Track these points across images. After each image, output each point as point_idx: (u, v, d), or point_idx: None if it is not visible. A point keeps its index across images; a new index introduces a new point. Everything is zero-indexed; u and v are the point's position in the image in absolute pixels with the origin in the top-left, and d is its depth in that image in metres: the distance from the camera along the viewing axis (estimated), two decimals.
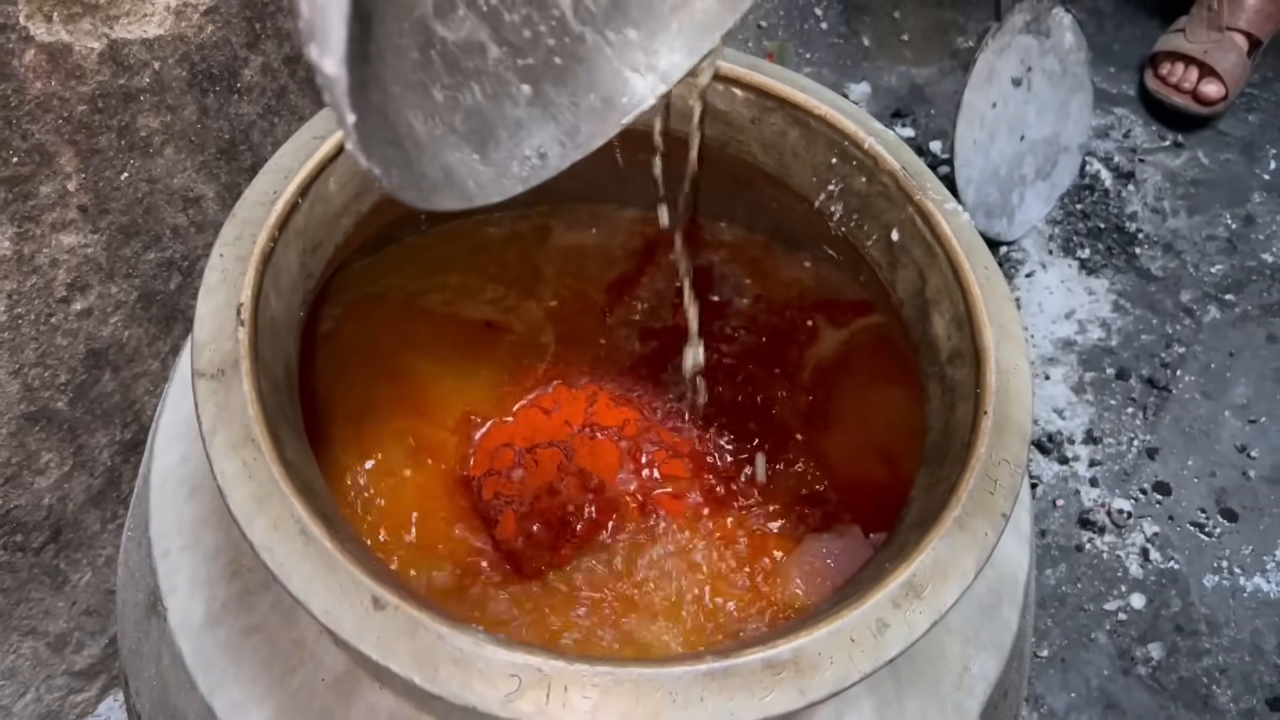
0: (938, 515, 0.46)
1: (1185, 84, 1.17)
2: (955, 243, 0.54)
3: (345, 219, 0.55)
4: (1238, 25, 1.18)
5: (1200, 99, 1.17)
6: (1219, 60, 1.16)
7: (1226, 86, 1.16)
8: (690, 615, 0.65)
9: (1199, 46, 1.18)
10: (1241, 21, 1.18)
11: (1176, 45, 1.19)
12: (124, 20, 0.57)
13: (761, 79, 0.58)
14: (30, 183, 0.56)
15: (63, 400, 0.64)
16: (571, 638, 0.65)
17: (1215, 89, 1.16)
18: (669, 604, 0.66)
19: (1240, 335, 1.04)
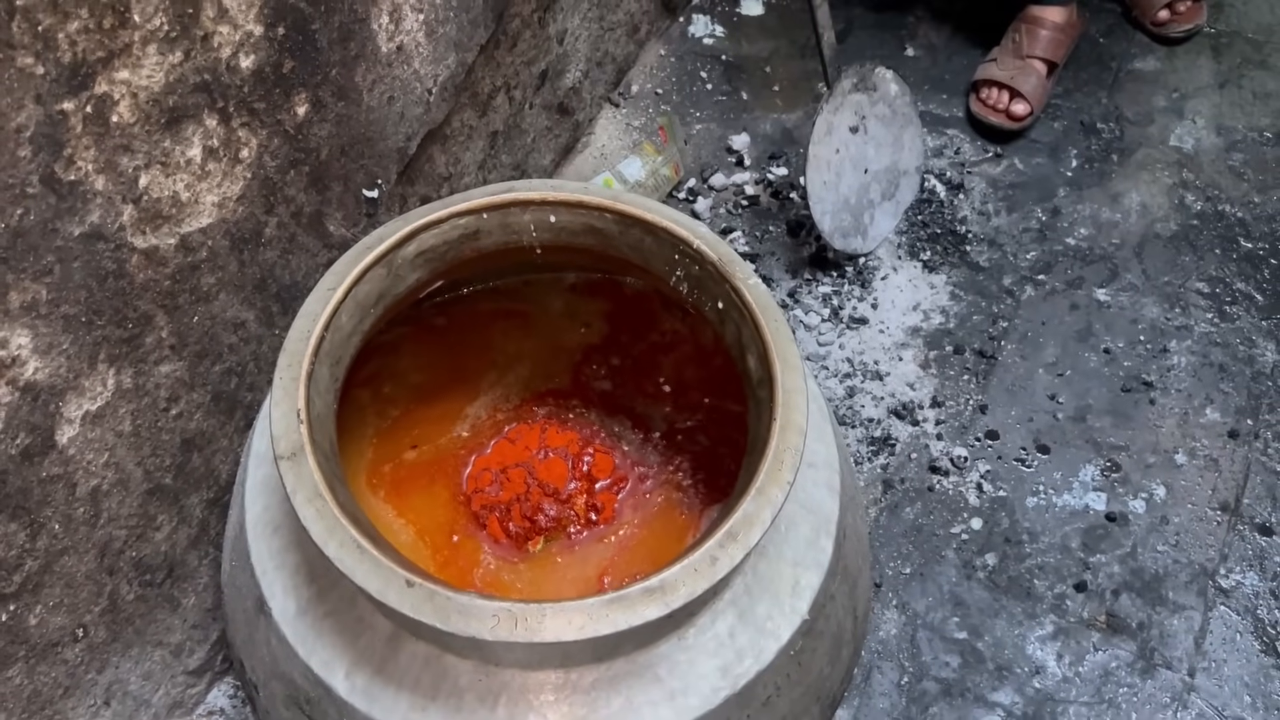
0: (746, 488, 0.73)
1: (999, 105, 1.45)
2: (755, 307, 0.81)
3: (354, 338, 0.82)
4: (1035, 53, 1.46)
5: (1011, 116, 1.45)
6: (1023, 83, 1.44)
7: (1031, 104, 1.45)
8: (625, 567, 0.93)
9: (1007, 73, 1.46)
10: (1038, 50, 1.46)
11: (990, 73, 1.47)
12: (188, 221, 0.84)
13: (622, 206, 0.85)
14: (139, 338, 0.83)
15: (169, 477, 0.92)
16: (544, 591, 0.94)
17: (1022, 108, 1.45)
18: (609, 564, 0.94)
19: (1049, 307, 1.32)
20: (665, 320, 1.03)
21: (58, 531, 0.82)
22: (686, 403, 1.01)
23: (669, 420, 1.02)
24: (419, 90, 1.07)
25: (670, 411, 1.02)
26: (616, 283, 1.00)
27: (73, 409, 0.79)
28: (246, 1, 0.82)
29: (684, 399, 1.01)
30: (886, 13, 1.65)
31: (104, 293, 0.78)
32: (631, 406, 1.04)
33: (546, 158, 1.42)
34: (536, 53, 1.30)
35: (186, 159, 0.82)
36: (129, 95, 0.75)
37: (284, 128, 0.91)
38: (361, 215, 1.06)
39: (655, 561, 0.96)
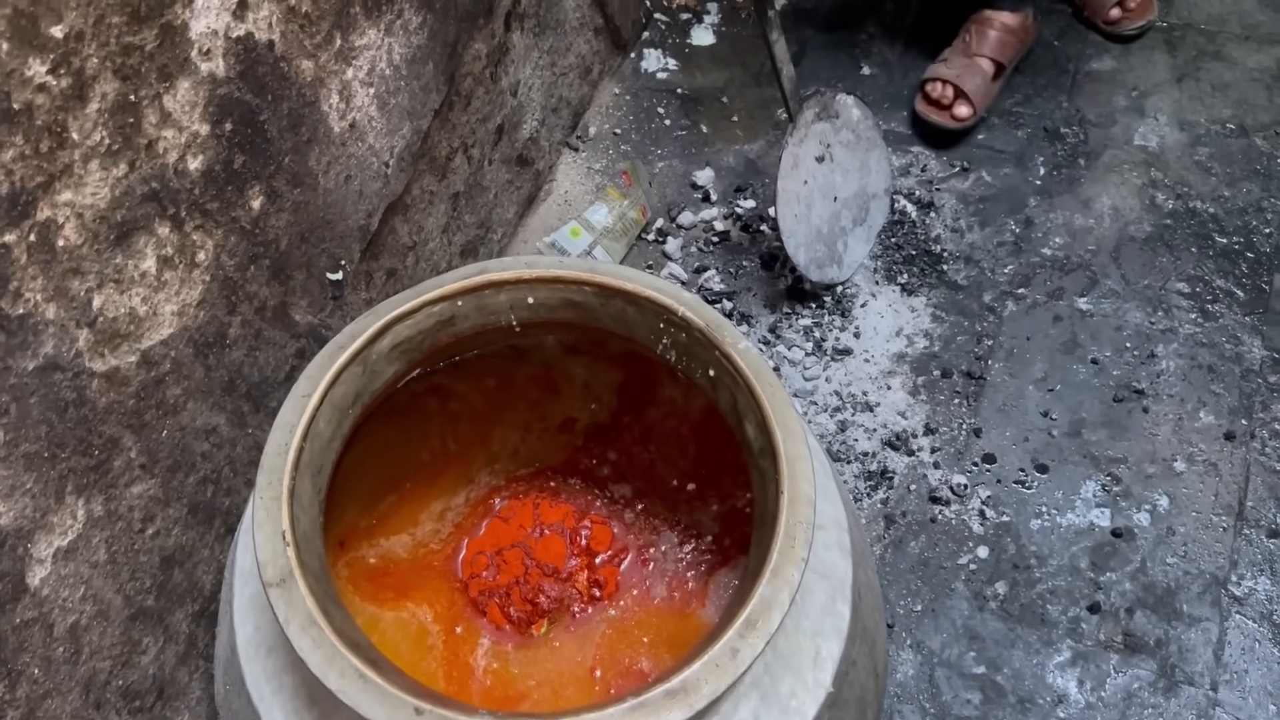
0: (760, 569, 0.70)
1: (944, 100, 1.44)
2: (748, 372, 0.78)
3: (334, 443, 0.78)
4: (983, 53, 1.45)
5: (955, 118, 1.45)
6: (968, 82, 1.43)
7: (974, 105, 1.44)
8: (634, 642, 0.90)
9: (954, 71, 1.45)
10: (986, 49, 1.45)
11: (938, 71, 1.46)
12: (147, 335, 0.80)
13: (601, 278, 0.82)
14: (107, 463, 0.79)
15: (151, 598, 0.87)
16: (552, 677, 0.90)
17: (965, 110, 1.44)
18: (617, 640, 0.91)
19: (1033, 321, 1.30)
20: (655, 385, 0.99)
21: (38, 676, 0.77)
22: (684, 466, 0.98)
23: (667, 484, 0.99)
24: (376, 165, 1.04)
25: (667, 476, 0.99)
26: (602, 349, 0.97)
27: (43, 548, 0.75)
28: (189, 102, 0.78)
29: (680, 462, 0.98)
30: (839, 31, 1.63)
31: (65, 423, 0.74)
32: (626, 473, 1.00)
33: (510, 211, 1.39)
34: (491, 108, 1.27)
35: (140, 272, 0.78)
36: (74, 216, 0.71)
37: (240, 224, 0.87)
38: (327, 299, 1.02)
39: (665, 635, 0.93)
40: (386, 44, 1.01)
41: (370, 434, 0.95)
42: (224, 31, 0.80)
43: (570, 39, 1.44)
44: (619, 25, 1.56)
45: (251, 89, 0.84)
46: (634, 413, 1.00)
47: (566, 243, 1.34)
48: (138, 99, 0.74)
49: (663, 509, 0.99)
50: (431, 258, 1.21)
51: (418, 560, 0.98)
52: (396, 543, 0.98)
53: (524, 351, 0.98)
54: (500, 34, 1.24)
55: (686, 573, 0.95)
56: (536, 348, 0.99)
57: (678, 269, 1.37)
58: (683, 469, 0.99)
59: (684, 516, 0.98)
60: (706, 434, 0.97)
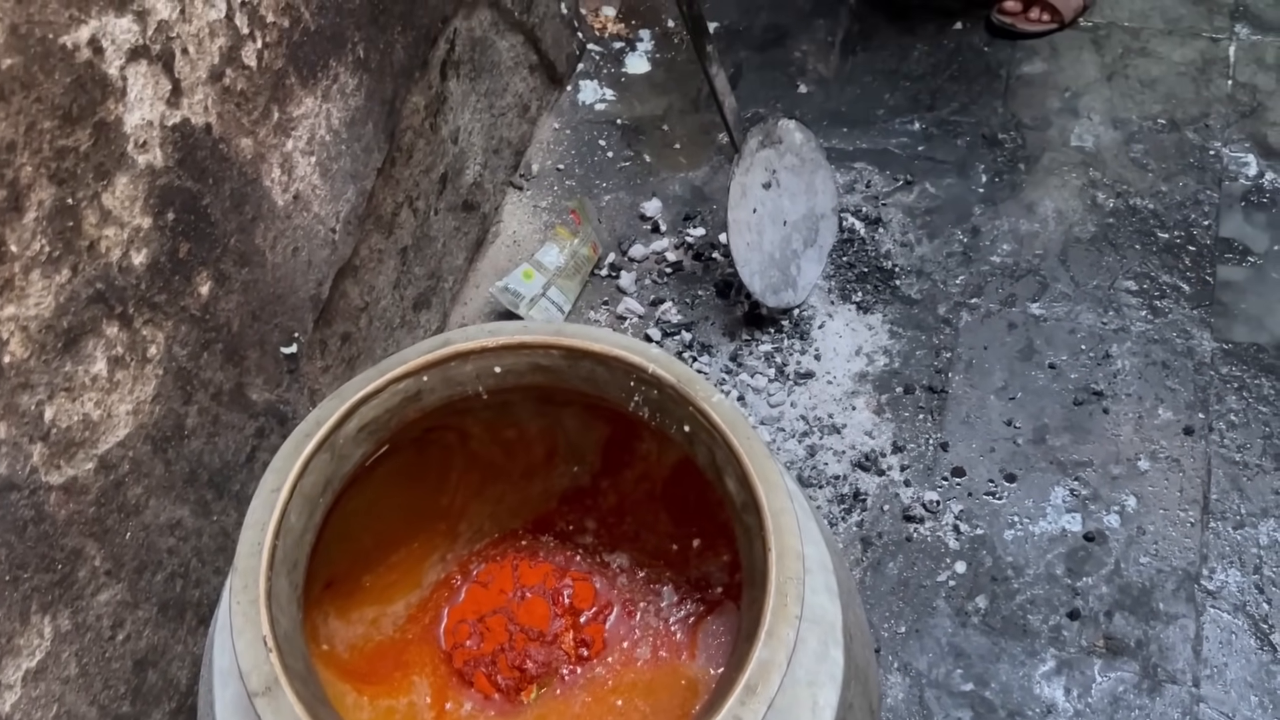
0: (755, 630, 0.70)
1: None
2: (724, 426, 0.77)
3: (307, 535, 0.76)
4: None
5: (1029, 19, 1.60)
6: None
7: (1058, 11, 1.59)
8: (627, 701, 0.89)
9: None
10: None
11: None
12: (103, 439, 0.77)
13: (568, 341, 0.81)
14: (71, 575, 0.76)
15: (126, 705, 0.85)
16: None
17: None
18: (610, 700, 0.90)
19: (988, 331, 1.32)
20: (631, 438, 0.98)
21: None
22: (663, 517, 0.97)
23: (648, 536, 0.98)
24: (322, 232, 1.02)
25: (647, 527, 0.98)
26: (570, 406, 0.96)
27: (11, 673, 0.72)
28: (129, 197, 0.76)
29: (660, 513, 0.97)
30: (772, 50, 1.64)
31: (25, 543, 0.71)
32: (605, 527, 0.99)
33: (459, 257, 1.37)
34: (433, 158, 1.25)
35: (91, 376, 0.75)
36: (19, 330, 0.68)
37: (189, 312, 0.85)
38: (283, 374, 1.00)
39: (657, 691, 0.92)
40: (324, 110, 0.99)
41: (340, 505, 0.93)
42: (159, 121, 0.77)
43: (506, 79, 1.42)
44: (553, 60, 1.55)
45: (191, 175, 0.82)
46: (611, 466, 0.99)
47: (520, 285, 1.33)
48: (75, 201, 0.71)
49: (645, 559, 0.98)
50: (385, 315, 1.19)
51: (398, 634, 0.96)
52: (374, 619, 0.96)
53: (492, 413, 0.97)
54: (437, 84, 1.22)
55: (674, 623, 0.94)
56: (504, 407, 0.97)
57: (634, 303, 1.36)
58: (663, 519, 0.98)
59: (667, 566, 0.98)
60: (684, 484, 0.96)
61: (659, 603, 0.96)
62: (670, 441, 0.91)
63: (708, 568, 0.96)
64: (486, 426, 0.97)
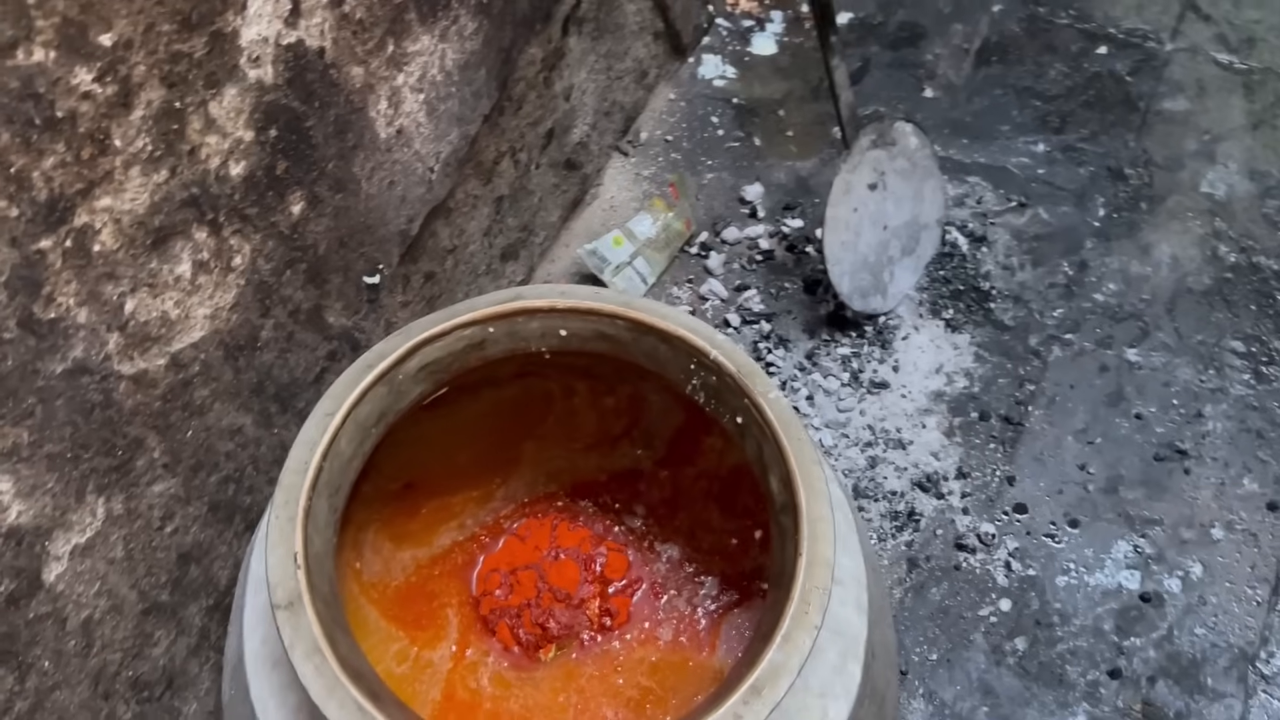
0: (771, 632, 0.69)
1: None
2: (776, 424, 0.76)
3: (354, 461, 0.78)
4: None
5: None
6: None
7: None
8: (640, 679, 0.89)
9: None
10: None
11: None
12: (178, 338, 0.80)
13: (634, 313, 0.81)
14: (130, 463, 0.79)
15: (165, 593, 0.88)
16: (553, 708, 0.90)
17: None
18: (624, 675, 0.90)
19: (1078, 369, 1.27)
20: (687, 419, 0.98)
21: (48, 669, 0.78)
22: (707, 501, 0.97)
23: (688, 517, 0.98)
24: (420, 170, 1.03)
25: (689, 509, 0.98)
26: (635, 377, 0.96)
27: (60, 546, 0.75)
28: (235, 109, 0.78)
29: (705, 497, 0.97)
30: (904, 50, 1.59)
31: (90, 425, 0.74)
32: (649, 502, 0.99)
33: (554, 214, 1.38)
34: (543, 113, 1.25)
35: (175, 276, 0.78)
36: (112, 222, 0.71)
37: (278, 229, 0.87)
38: (362, 302, 1.02)
39: (671, 676, 0.92)
40: (440, 49, 1.00)
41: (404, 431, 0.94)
42: (275, 39, 0.79)
43: (628, 43, 1.42)
44: (679, 30, 1.54)
45: (299, 96, 0.83)
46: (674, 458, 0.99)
47: (608, 251, 1.33)
48: (183, 106, 0.73)
49: (683, 545, 0.97)
50: (471, 261, 1.20)
51: (437, 571, 0.97)
52: (418, 552, 0.98)
53: (582, 382, 0.98)
54: (557, 38, 1.22)
55: (699, 610, 0.94)
56: (567, 379, 0.98)
57: (718, 285, 1.35)
58: (711, 515, 0.97)
59: (703, 555, 0.97)
60: (739, 484, 0.96)
61: (688, 589, 0.95)
62: (727, 435, 0.91)
63: (744, 564, 0.96)
64: (571, 391, 0.99)
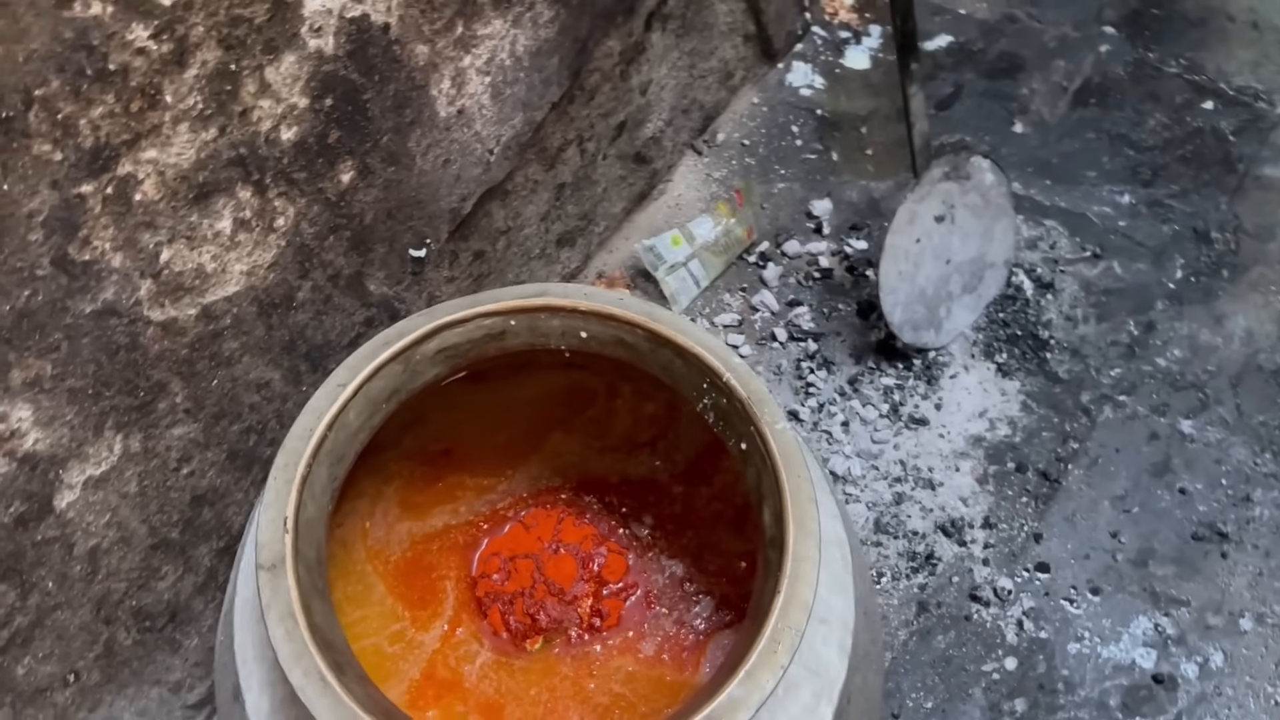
0: (737, 665, 0.69)
1: None
2: (778, 456, 0.75)
3: (361, 434, 0.79)
4: None
5: None
6: None
7: None
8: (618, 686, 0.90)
9: None
10: None
11: None
12: (211, 291, 0.82)
13: (653, 325, 0.80)
14: (151, 405, 0.82)
15: (175, 531, 0.91)
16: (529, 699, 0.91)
17: None
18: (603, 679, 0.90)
19: (1126, 433, 1.23)
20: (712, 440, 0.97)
21: (51, 589, 0.82)
22: (717, 524, 0.97)
23: (696, 537, 0.97)
24: (479, 151, 1.04)
25: (698, 528, 0.97)
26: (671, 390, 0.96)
27: (74, 475, 0.79)
28: (292, 75, 0.79)
29: (715, 520, 0.97)
30: (1000, 80, 1.55)
31: (114, 365, 0.77)
32: (658, 514, 0.99)
33: (617, 206, 1.38)
34: (615, 104, 1.25)
35: (215, 231, 0.80)
36: (155, 174, 0.73)
37: (325, 195, 0.88)
38: (406, 274, 1.03)
39: (650, 688, 0.92)
40: (511, 35, 1.00)
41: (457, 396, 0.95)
42: (339, 11, 0.80)
43: (716, 43, 1.40)
44: (771, 34, 1.52)
45: (359, 68, 0.85)
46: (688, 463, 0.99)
47: (665, 249, 1.32)
48: (239, 68, 0.75)
49: (688, 561, 0.97)
50: (525, 243, 1.21)
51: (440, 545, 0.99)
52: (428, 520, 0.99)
53: (626, 384, 0.98)
54: (639, 33, 1.22)
55: (688, 628, 0.94)
56: (629, 378, 0.98)
57: (770, 298, 1.34)
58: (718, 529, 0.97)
59: (707, 573, 0.97)
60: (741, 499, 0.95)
61: (682, 605, 0.95)
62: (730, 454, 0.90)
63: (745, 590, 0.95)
64: (615, 393, 0.99)
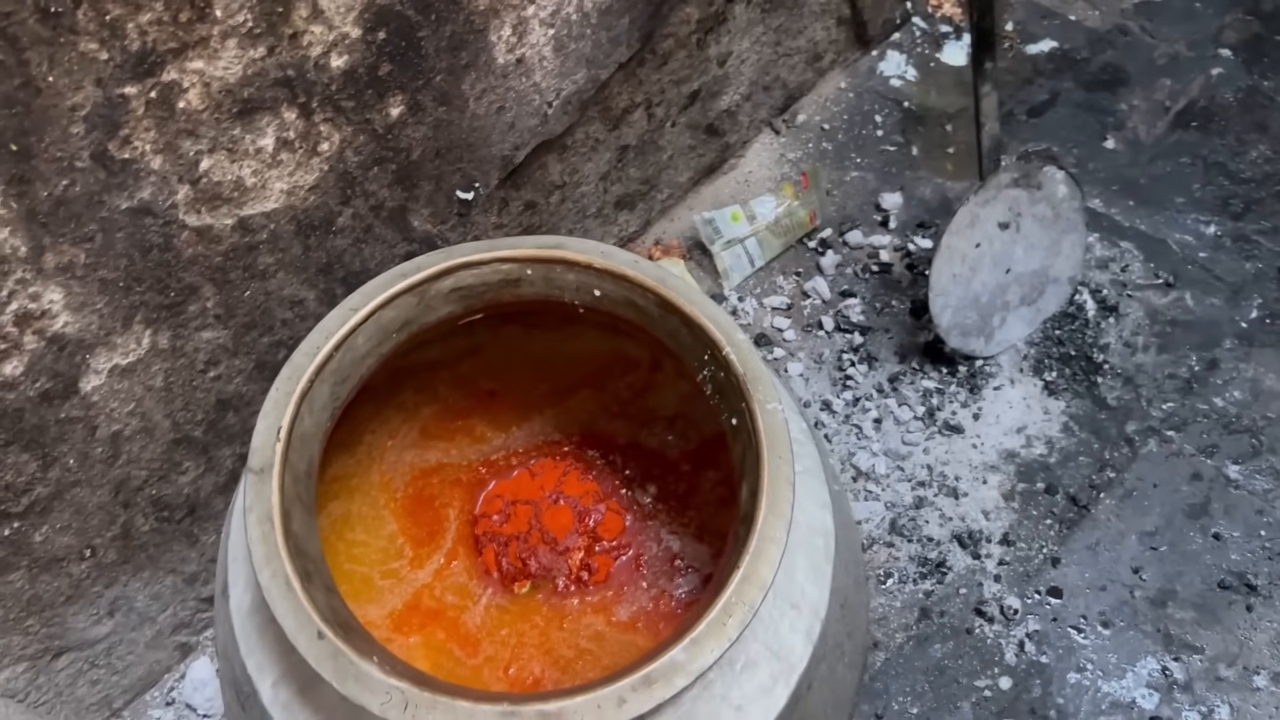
0: (686, 630, 0.69)
1: None
2: (763, 435, 0.75)
3: (369, 359, 0.82)
4: None
5: None
6: None
7: None
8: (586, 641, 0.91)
9: None
10: None
11: None
12: (250, 204, 0.86)
13: (664, 291, 0.81)
14: (182, 306, 0.86)
15: (199, 430, 0.96)
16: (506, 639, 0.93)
17: None
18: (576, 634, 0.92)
19: (1168, 470, 1.18)
20: None
21: (72, 465, 0.87)
22: (718, 502, 0.97)
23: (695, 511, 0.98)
24: (537, 102, 1.05)
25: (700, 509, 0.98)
26: None
27: (101, 361, 0.83)
28: (345, 5, 0.82)
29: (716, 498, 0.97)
30: (1098, 92, 1.49)
31: (147, 263, 0.81)
32: (662, 483, 1.00)
33: (683, 175, 1.38)
34: (690, 73, 1.25)
35: (257, 148, 0.83)
36: (200, 84, 0.76)
37: (372, 126, 0.91)
38: (452, 214, 1.05)
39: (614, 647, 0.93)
40: None
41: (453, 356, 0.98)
42: None
43: (805, 22, 1.39)
44: (866, 20, 1.49)
45: (415, 5, 0.87)
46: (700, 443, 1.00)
47: (724, 224, 1.32)
48: None
49: (681, 530, 0.98)
50: (580, 200, 1.22)
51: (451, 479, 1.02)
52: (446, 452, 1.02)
53: (668, 358, 0.99)
54: (720, 3, 1.21)
55: (672, 594, 0.95)
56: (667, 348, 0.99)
57: (824, 285, 1.33)
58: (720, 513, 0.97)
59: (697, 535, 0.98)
60: None
61: (672, 568, 0.96)
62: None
63: None
64: (658, 366, 1.00)
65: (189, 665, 1.12)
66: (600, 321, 0.90)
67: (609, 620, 0.93)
